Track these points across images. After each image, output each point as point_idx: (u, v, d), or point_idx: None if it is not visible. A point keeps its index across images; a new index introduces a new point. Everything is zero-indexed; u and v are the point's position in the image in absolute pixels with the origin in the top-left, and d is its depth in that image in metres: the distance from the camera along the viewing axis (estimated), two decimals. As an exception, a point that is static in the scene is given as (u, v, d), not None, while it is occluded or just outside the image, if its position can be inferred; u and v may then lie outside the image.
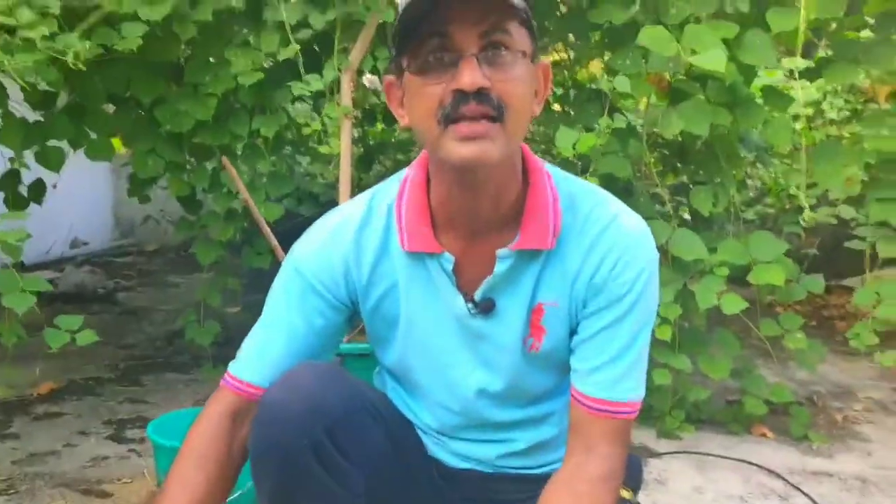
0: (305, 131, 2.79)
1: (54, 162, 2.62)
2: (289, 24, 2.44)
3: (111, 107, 2.76)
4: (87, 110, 2.64)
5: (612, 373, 1.08)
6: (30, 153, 2.64)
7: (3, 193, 2.78)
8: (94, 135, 2.68)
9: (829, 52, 2.47)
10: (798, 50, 2.23)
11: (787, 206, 3.76)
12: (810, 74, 2.53)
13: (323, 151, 2.89)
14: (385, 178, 1.21)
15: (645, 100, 2.65)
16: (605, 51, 2.79)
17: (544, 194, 1.09)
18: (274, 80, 2.65)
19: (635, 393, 1.09)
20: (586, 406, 1.08)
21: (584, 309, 1.10)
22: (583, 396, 1.09)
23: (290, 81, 2.55)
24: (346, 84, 2.52)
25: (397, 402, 1.26)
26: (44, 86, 2.49)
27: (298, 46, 2.43)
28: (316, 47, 2.72)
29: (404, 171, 1.17)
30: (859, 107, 3.38)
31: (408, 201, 1.11)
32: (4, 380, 2.65)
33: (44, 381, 2.85)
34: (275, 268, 1.22)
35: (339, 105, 2.50)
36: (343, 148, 2.50)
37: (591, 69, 3.53)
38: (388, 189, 1.17)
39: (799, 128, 2.48)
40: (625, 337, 1.08)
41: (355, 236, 1.14)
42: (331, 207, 1.26)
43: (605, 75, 3.00)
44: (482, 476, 1.23)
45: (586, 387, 1.09)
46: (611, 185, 2.49)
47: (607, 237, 1.08)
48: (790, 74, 2.43)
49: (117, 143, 2.83)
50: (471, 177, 1.01)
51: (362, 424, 1.11)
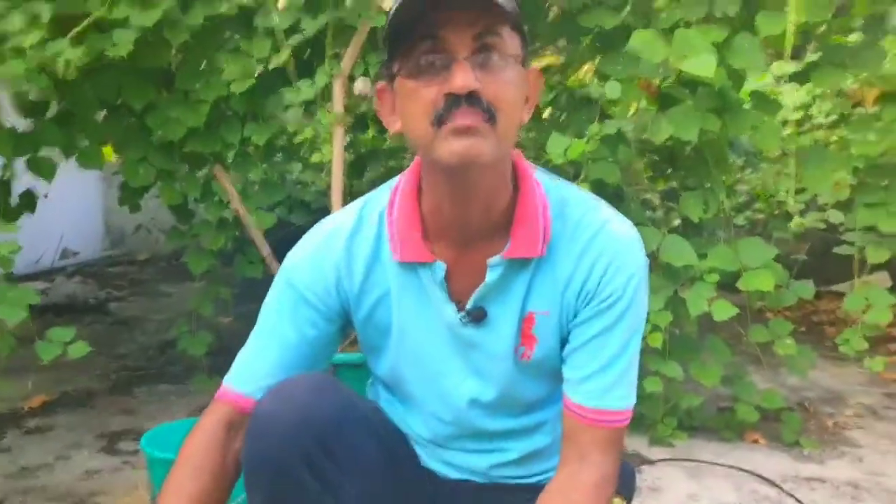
0: (297, 139, 2.78)
1: (46, 171, 2.61)
2: (280, 30, 2.44)
3: (102, 114, 2.75)
4: (77, 118, 2.62)
5: (604, 381, 1.08)
6: (20, 162, 2.63)
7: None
8: (85, 143, 2.67)
9: (818, 56, 2.48)
10: (787, 54, 2.24)
11: (777, 211, 3.78)
12: (798, 78, 2.54)
13: (315, 160, 2.89)
14: (377, 184, 1.21)
15: (635, 105, 2.66)
16: (596, 55, 2.80)
17: (534, 202, 1.09)
18: (266, 87, 2.65)
19: (627, 401, 1.10)
20: (578, 415, 1.09)
21: (575, 318, 1.10)
22: (575, 405, 1.09)
23: (282, 88, 2.54)
24: (338, 90, 2.52)
25: (390, 413, 1.25)
26: (34, 94, 2.49)
27: (290, 51, 2.42)
28: (308, 53, 2.71)
29: (395, 180, 1.17)
30: (847, 111, 3.39)
31: (399, 210, 1.11)
32: (-4, 392, 2.65)
33: (36, 394, 2.84)
34: (267, 277, 1.22)
35: (330, 112, 2.49)
36: (335, 155, 2.50)
37: (582, 75, 3.54)
38: (380, 198, 1.17)
39: (787, 133, 2.49)
40: (615, 345, 1.08)
41: (346, 245, 1.14)
42: (323, 215, 1.26)
43: (596, 81, 3.00)
44: (476, 486, 1.23)
45: (578, 396, 1.09)
46: (601, 191, 2.49)
47: (597, 243, 1.08)
48: (779, 79, 2.44)
49: (108, 151, 2.82)
50: (462, 179, 1.01)
51: (355, 435, 1.11)
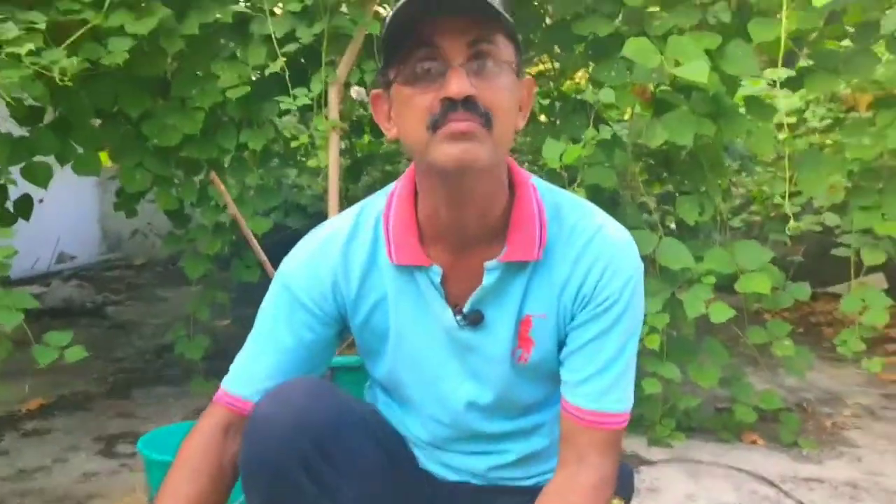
0: (293, 144, 2.79)
1: (41, 177, 2.60)
2: (276, 38, 2.45)
3: (98, 121, 2.75)
4: (73, 125, 2.62)
5: (601, 384, 1.09)
6: (15, 169, 2.63)
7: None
8: (80, 149, 2.67)
9: (810, 62, 2.50)
10: (780, 60, 2.26)
11: (773, 213, 3.79)
12: (792, 84, 2.56)
13: (311, 165, 2.89)
14: (373, 189, 1.22)
15: (630, 110, 2.67)
16: (590, 62, 2.81)
17: (530, 206, 1.10)
18: (261, 93, 2.65)
19: (624, 403, 1.10)
20: (576, 417, 1.09)
21: (572, 321, 1.11)
22: (572, 408, 1.10)
23: (278, 95, 2.55)
24: (334, 97, 2.53)
25: (388, 416, 1.26)
26: (30, 101, 2.49)
27: (285, 60, 2.43)
28: (303, 60, 2.72)
29: (392, 185, 1.17)
30: (841, 115, 3.41)
31: (395, 214, 1.12)
32: (-7, 396, 2.65)
33: (33, 397, 2.83)
34: (263, 281, 1.22)
35: (326, 118, 2.50)
36: (331, 160, 2.50)
37: (577, 80, 3.55)
38: (376, 203, 1.17)
39: (782, 137, 2.50)
40: (612, 348, 1.09)
41: (343, 250, 1.15)
42: (319, 219, 1.27)
43: (591, 86, 3.02)
44: (474, 488, 1.23)
45: (576, 398, 1.10)
46: (597, 195, 2.50)
47: (593, 247, 1.09)
48: (772, 84, 2.45)
49: (104, 156, 2.82)
50: (458, 184, 1.01)
51: (352, 438, 1.12)
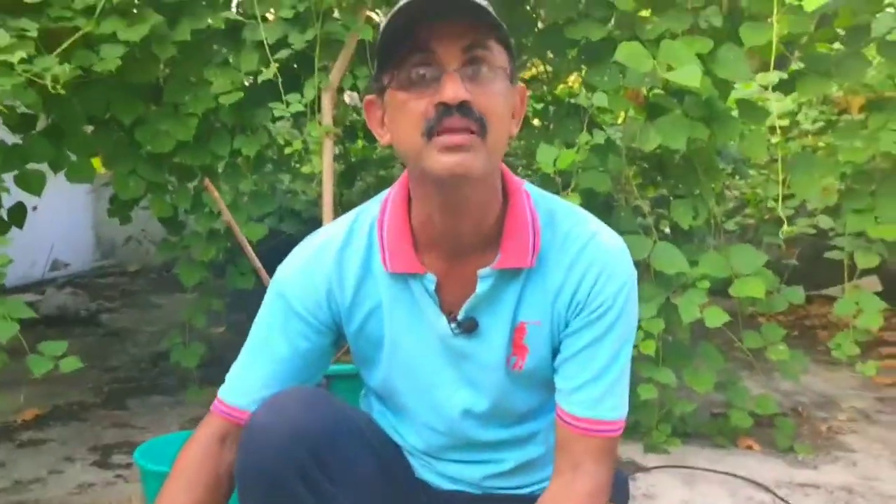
0: (287, 150, 2.78)
1: (35, 185, 2.59)
2: (268, 44, 2.45)
3: (91, 127, 2.74)
4: (66, 132, 2.61)
5: (595, 391, 1.09)
6: (8, 176, 2.62)
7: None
8: (74, 157, 2.66)
9: (802, 65, 2.51)
10: (771, 63, 2.26)
11: (767, 216, 3.80)
12: (784, 87, 2.57)
13: (305, 171, 2.89)
14: (367, 193, 1.22)
15: (623, 114, 2.67)
16: (583, 66, 2.82)
17: (523, 213, 1.10)
18: (254, 99, 2.65)
19: (619, 411, 1.10)
20: (571, 425, 1.09)
21: (566, 328, 1.11)
22: (567, 415, 1.10)
23: (271, 100, 2.55)
24: (327, 103, 2.53)
25: (384, 425, 1.26)
26: (22, 108, 2.48)
27: (277, 66, 2.43)
28: (296, 65, 2.72)
29: (386, 192, 1.17)
30: (833, 117, 3.42)
31: (389, 221, 1.12)
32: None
33: (28, 408, 2.82)
34: (258, 287, 1.22)
35: (320, 124, 2.50)
36: (325, 166, 2.50)
37: (570, 83, 3.56)
38: (370, 210, 1.17)
39: (775, 140, 2.51)
40: (606, 355, 1.09)
41: (337, 258, 1.14)
42: (314, 224, 1.26)
43: (584, 90, 3.02)
44: (470, 497, 1.23)
45: (570, 406, 1.10)
46: (591, 200, 2.50)
47: (587, 254, 1.09)
48: (765, 87, 2.46)
49: (97, 163, 2.81)
50: (453, 193, 1.01)
51: (348, 447, 1.11)
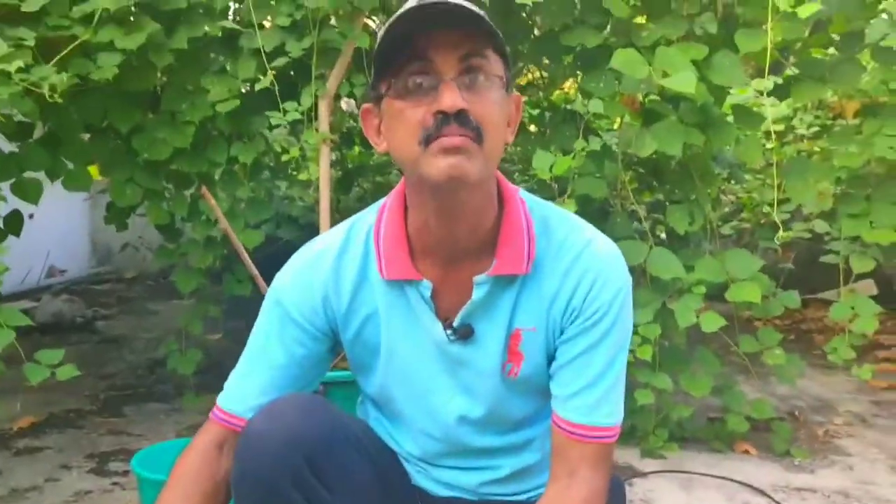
0: (284, 158, 2.79)
1: (32, 194, 2.59)
2: (265, 52, 2.46)
3: (87, 135, 2.74)
4: (63, 140, 2.61)
5: (591, 398, 1.09)
6: (5, 185, 2.62)
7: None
8: (70, 165, 2.67)
9: (797, 71, 2.52)
10: (766, 69, 2.27)
11: (763, 220, 3.81)
12: (779, 92, 2.58)
13: (302, 178, 2.89)
14: (364, 199, 1.23)
15: (619, 120, 2.68)
16: (579, 73, 2.83)
17: (519, 220, 1.10)
18: (251, 106, 2.65)
19: (614, 417, 1.11)
20: (567, 431, 1.09)
21: (562, 334, 1.11)
22: (563, 422, 1.10)
23: (268, 108, 2.55)
24: (324, 110, 2.53)
25: (380, 432, 1.26)
26: (19, 117, 2.48)
27: (274, 74, 2.43)
28: (293, 73, 2.73)
29: (383, 200, 1.18)
30: (829, 122, 3.44)
31: (385, 228, 1.13)
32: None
33: (24, 415, 2.81)
34: (255, 294, 1.22)
35: (317, 131, 2.51)
36: (322, 173, 2.50)
37: (566, 89, 3.57)
38: (367, 217, 1.18)
39: (770, 145, 2.52)
40: (602, 362, 1.09)
41: (334, 264, 1.15)
42: (310, 230, 1.27)
43: (580, 97, 3.03)
44: (466, 504, 1.23)
45: (566, 412, 1.10)
46: (587, 205, 2.51)
47: (582, 261, 1.10)
48: (760, 93, 2.47)
49: (94, 170, 2.81)
50: (449, 198, 1.02)
51: (345, 454, 1.12)
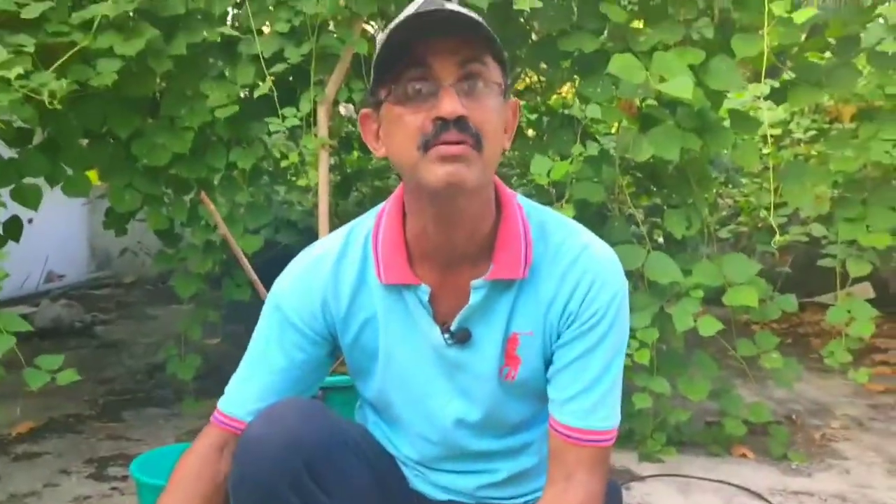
0: (283, 164, 2.80)
1: (31, 200, 2.59)
2: (264, 57, 2.47)
3: (86, 141, 2.75)
4: (62, 146, 2.62)
5: (588, 402, 1.10)
6: (4, 190, 2.62)
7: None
8: (70, 171, 2.67)
9: (793, 75, 2.53)
10: (763, 74, 2.29)
11: (760, 224, 3.82)
12: (775, 97, 2.59)
13: (300, 183, 2.91)
14: (363, 204, 1.23)
15: (617, 125, 2.69)
16: (576, 77, 2.84)
17: (516, 225, 1.11)
18: (250, 112, 2.66)
19: (611, 421, 1.11)
20: (564, 435, 1.10)
21: (559, 339, 1.12)
22: (560, 425, 1.11)
23: (267, 113, 2.56)
24: (323, 115, 2.54)
25: (378, 436, 1.27)
26: (19, 123, 2.49)
27: (273, 79, 2.44)
28: (291, 78, 2.73)
29: (381, 205, 1.19)
30: (825, 126, 3.45)
31: (384, 233, 1.13)
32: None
33: (23, 420, 2.81)
34: (254, 299, 1.23)
35: (315, 136, 2.52)
36: (321, 178, 2.51)
37: (564, 93, 3.58)
38: (366, 222, 1.19)
39: (767, 150, 2.53)
40: (598, 366, 1.10)
41: (333, 269, 1.16)
42: (309, 234, 1.28)
43: (577, 101, 3.04)
44: (463, 508, 1.23)
45: (563, 416, 1.11)
46: (585, 210, 2.52)
47: (579, 265, 1.10)
48: (756, 97, 2.48)
49: (93, 175, 2.82)
50: (448, 204, 1.02)
51: (343, 459, 1.12)
